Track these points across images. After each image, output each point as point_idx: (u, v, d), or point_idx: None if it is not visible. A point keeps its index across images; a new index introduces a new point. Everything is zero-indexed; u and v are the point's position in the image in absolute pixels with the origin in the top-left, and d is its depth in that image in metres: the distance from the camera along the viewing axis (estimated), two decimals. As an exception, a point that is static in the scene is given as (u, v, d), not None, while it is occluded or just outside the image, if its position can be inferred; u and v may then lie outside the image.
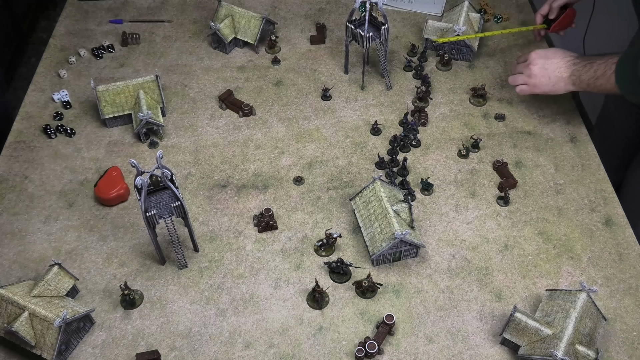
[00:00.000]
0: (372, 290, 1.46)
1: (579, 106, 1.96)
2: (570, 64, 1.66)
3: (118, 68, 2.00)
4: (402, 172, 1.68)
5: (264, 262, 1.52)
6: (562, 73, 1.67)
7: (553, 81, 1.69)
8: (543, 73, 1.69)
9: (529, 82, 1.72)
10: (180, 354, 1.37)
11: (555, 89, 1.70)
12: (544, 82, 1.70)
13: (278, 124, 1.83)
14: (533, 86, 1.72)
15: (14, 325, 1.29)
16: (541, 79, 1.70)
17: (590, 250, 1.54)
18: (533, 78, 1.71)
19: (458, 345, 1.38)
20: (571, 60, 1.67)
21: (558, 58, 1.68)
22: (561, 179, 1.69)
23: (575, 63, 1.66)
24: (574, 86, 1.67)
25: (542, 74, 1.69)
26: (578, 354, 1.29)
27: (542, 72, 1.69)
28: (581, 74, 1.64)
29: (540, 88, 1.71)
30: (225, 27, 1.99)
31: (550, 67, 1.68)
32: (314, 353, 1.37)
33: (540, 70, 1.70)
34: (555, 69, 1.68)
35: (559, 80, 1.68)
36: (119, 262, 1.52)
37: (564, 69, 1.67)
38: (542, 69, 1.69)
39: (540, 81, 1.70)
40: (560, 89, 1.70)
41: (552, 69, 1.68)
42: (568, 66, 1.66)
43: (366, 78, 1.95)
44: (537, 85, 1.71)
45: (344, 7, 2.21)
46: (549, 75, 1.69)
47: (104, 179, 1.64)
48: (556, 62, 1.68)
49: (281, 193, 1.66)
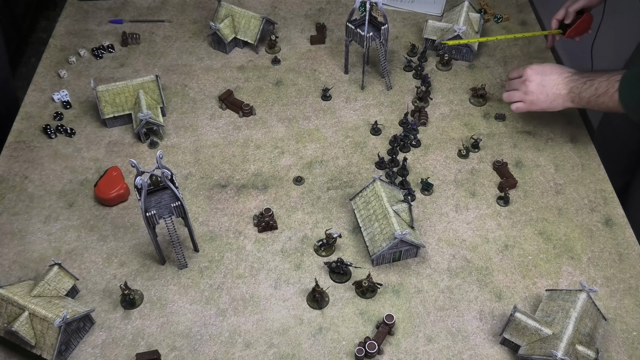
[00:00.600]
0: (372, 290, 1.46)
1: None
2: (568, 81, 1.62)
3: (118, 68, 2.00)
4: (402, 172, 1.68)
5: (264, 262, 1.52)
6: (560, 90, 1.63)
7: (551, 98, 1.65)
8: (540, 90, 1.65)
9: (526, 99, 1.68)
10: (180, 354, 1.37)
11: (553, 106, 1.66)
12: (542, 99, 1.66)
13: (278, 124, 1.83)
14: (530, 103, 1.68)
15: (14, 325, 1.29)
16: (539, 96, 1.66)
17: (590, 250, 1.54)
18: (530, 95, 1.67)
19: (458, 345, 1.38)
20: (569, 77, 1.63)
21: (555, 74, 1.65)
22: (561, 179, 1.69)
23: (573, 80, 1.62)
24: (573, 103, 1.63)
25: (539, 91, 1.65)
26: (578, 354, 1.29)
27: (539, 89, 1.65)
28: (581, 91, 1.59)
29: (538, 105, 1.68)
30: (225, 27, 1.99)
31: (548, 83, 1.64)
32: (314, 353, 1.37)
33: (537, 87, 1.66)
34: (553, 85, 1.64)
35: (557, 97, 1.64)
36: (119, 262, 1.52)
37: (562, 86, 1.63)
38: (539, 85, 1.65)
39: (538, 98, 1.66)
40: (558, 106, 1.66)
41: (549, 85, 1.64)
42: (566, 83, 1.62)
43: (366, 78, 1.95)
44: (535, 103, 1.67)
45: (344, 7, 2.21)
46: (547, 92, 1.65)
47: (104, 179, 1.64)
48: (554, 79, 1.64)
49: (281, 193, 1.66)
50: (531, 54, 2.03)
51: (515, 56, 2.01)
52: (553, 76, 1.65)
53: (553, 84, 1.64)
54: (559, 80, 1.64)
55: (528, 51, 2.04)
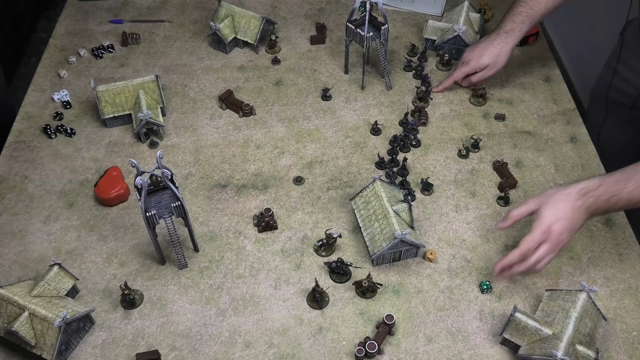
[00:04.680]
0: (372, 290, 1.46)
1: (579, 106, 1.96)
2: (587, 196, 1.35)
3: (118, 68, 2.00)
4: (402, 172, 1.68)
5: (264, 262, 1.52)
6: (582, 214, 1.35)
7: (577, 227, 1.36)
8: (567, 226, 1.34)
9: (556, 248, 1.36)
10: (180, 354, 1.37)
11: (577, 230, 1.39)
12: (570, 236, 1.37)
13: (278, 124, 1.83)
14: (558, 248, 1.37)
15: (14, 325, 1.29)
16: (568, 236, 1.35)
17: (590, 250, 1.54)
18: (558, 242, 1.35)
19: (458, 345, 1.38)
20: (586, 190, 1.35)
21: (572, 199, 1.35)
22: (561, 179, 1.69)
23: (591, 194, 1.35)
24: (595, 214, 1.39)
25: (567, 229, 1.34)
26: (578, 354, 1.29)
27: (566, 226, 1.34)
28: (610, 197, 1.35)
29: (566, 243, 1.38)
30: (225, 27, 1.99)
31: (571, 215, 1.34)
32: (314, 353, 1.37)
33: (563, 225, 1.34)
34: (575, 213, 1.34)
35: (581, 221, 1.37)
36: (119, 262, 1.52)
37: (583, 209, 1.35)
38: (566, 221, 1.34)
39: (567, 238, 1.36)
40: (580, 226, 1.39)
41: (574, 217, 1.34)
42: (585, 199, 1.35)
43: (366, 78, 1.95)
44: (563, 243, 1.37)
45: (344, 7, 2.21)
46: (574, 226, 1.35)
47: (104, 179, 1.64)
48: (570, 205, 1.34)
49: (281, 193, 1.66)
50: (531, 54, 2.03)
51: (516, 56, 2.01)
52: (569, 202, 1.35)
53: (576, 215, 1.35)
54: (579, 203, 1.35)
55: (528, 51, 2.04)
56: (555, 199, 1.36)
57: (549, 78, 1.96)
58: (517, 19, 1.78)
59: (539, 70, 1.99)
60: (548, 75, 1.97)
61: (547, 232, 1.34)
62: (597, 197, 1.35)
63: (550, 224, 1.34)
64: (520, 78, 1.96)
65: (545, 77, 1.97)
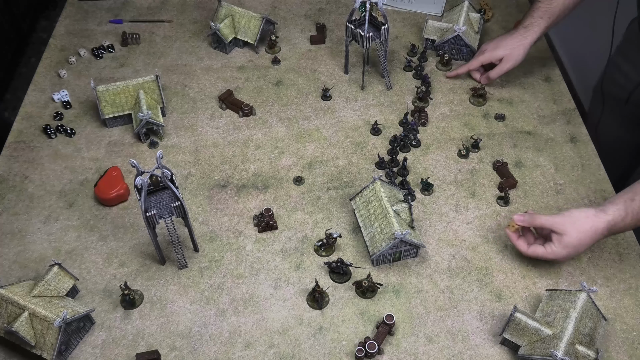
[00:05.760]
0: (372, 290, 1.46)
1: (579, 106, 1.96)
2: (612, 230, 1.39)
3: (118, 68, 2.00)
4: (402, 172, 1.68)
5: (264, 262, 1.52)
6: (599, 234, 1.39)
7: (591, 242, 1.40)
8: (580, 239, 1.39)
9: (566, 257, 1.43)
10: (180, 354, 1.37)
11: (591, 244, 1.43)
12: (583, 249, 1.42)
13: (278, 124, 1.83)
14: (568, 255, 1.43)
15: (14, 325, 1.29)
16: (579, 249, 1.41)
17: (590, 250, 1.54)
18: (568, 253, 1.41)
19: (458, 345, 1.38)
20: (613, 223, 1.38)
21: (598, 234, 1.38)
22: (561, 179, 1.69)
23: (618, 227, 1.38)
24: (612, 232, 1.42)
25: (580, 243, 1.39)
26: (578, 354, 1.29)
27: (576, 253, 1.42)
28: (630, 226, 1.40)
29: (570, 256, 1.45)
30: (225, 27, 1.99)
31: (588, 245, 1.40)
32: (314, 353, 1.37)
33: (576, 253, 1.42)
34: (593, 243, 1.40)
35: (596, 238, 1.40)
36: (119, 262, 1.52)
37: (602, 228, 1.38)
38: (580, 249, 1.41)
39: (578, 251, 1.42)
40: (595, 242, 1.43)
41: (589, 245, 1.40)
42: (610, 232, 1.40)
43: (366, 78, 1.95)
44: (574, 254, 1.43)
45: (344, 7, 2.21)
46: (588, 239, 1.39)
47: (104, 179, 1.64)
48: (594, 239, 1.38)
49: (281, 193, 1.66)
50: (531, 54, 2.02)
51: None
52: (588, 220, 1.38)
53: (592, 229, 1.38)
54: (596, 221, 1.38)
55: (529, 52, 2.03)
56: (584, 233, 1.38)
57: (549, 78, 1.97)
58: (536, 14, 1.81)
59: (539, 70, 1.99)
60: (548, 75, 1.97)
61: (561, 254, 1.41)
62: (620, 229, 1.40)
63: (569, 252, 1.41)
64: (520, 78, 1.96)
65: (545, 77, 1.97)
